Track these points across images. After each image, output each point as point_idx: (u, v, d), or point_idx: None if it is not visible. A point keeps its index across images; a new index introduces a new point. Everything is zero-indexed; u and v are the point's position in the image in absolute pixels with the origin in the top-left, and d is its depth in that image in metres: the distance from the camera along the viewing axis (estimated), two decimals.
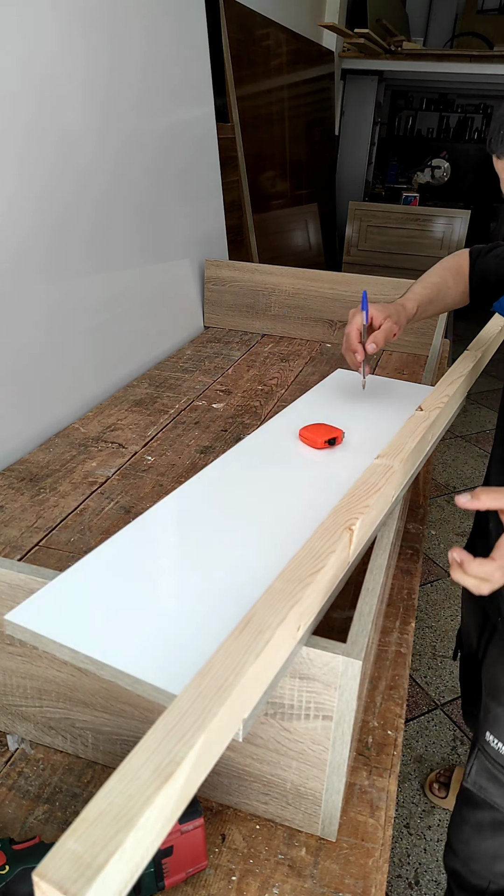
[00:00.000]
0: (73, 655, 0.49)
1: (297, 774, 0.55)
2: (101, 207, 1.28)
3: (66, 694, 0.61)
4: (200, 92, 1.68)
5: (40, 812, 0.59)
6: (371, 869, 0.55)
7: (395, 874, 1.35)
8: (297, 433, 0.88)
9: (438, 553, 2.39)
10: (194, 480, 0.76)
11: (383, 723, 0.70)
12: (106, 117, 1.26)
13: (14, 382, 1.11)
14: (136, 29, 1.33)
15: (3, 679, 0.63)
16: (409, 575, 0.93)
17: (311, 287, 1.70)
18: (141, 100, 1.39)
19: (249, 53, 2.40)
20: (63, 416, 1.24)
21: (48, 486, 1.03)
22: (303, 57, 3.04)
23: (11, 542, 0.90)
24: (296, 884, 0.54)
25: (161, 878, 0.51)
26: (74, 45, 1.15)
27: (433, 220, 3.36)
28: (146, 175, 1.44)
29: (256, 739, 0.55)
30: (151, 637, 0.50)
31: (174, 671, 0.47)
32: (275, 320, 1.76)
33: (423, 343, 1.66)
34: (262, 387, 1.43)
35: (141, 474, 1.07)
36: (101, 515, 0.96)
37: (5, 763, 0.64)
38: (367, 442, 0.87)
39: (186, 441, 1.18)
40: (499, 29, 5.06)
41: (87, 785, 0.62)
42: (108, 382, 1.39)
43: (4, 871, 0.49)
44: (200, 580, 0.57)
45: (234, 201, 2.29)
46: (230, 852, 0.56)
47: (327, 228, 3.59)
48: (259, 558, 0.61)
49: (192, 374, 1.49)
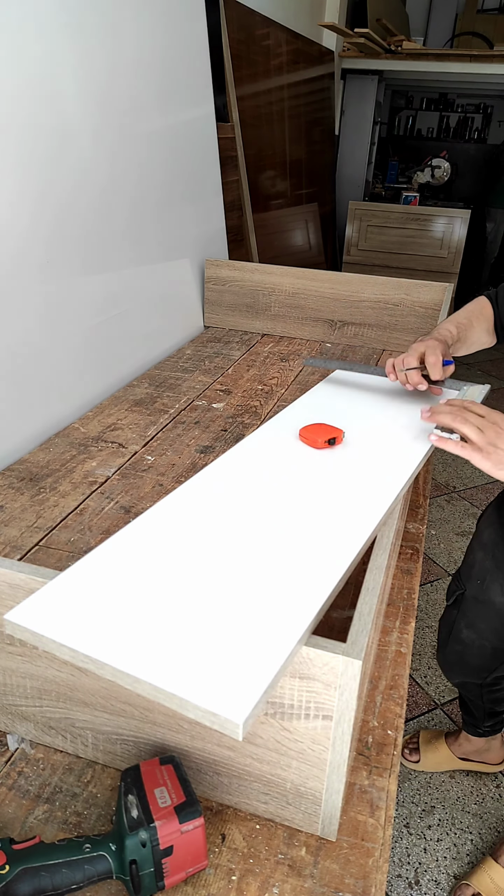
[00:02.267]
0: (73, 655, 0.49)
1: (297, 774, 0.55)
2: (101, 207, 1.28)
3: (66, 694, 0.61)
4: (200, 92, 1.68)
5: (40, 812, 0.59)
6: (371, 869, 0.55)
7: (395, 874, 1.35)
8: (297, 433, 0.88)
9: (438, 553, 2.39)
10: (194, 480, 0.76)
11: (383, 723, 0.70)
12: (106, 117, 1.26)
13: (14, 382, 1.11)
14: (136, 29, 1.33)
15: (3, 679, 0.63)
16: (409, 575, 0.93)
17: (311, 287, 1.70)
18: (141, 99, 1.38)
19: (249, 53, 2.40)
20: (63, 415, 1.24)
21: (48, 486, 1.03)
22: (303, 57, 3.04)
23: (11, 542, 0.90)
24: (296, 883, 0.54)
25: (161, 877, 0.51)
26: (74, 45, 1.15)
27: (433, 219, 3.36)
28: (146, 175, 1.44)
29: (256, 739, 0.55)
30: (151, 636, 0.50)
31: (174, 670, 0.47)
32: (275, 320, 1.76)
33: None
34: (262, 387, 1.43)
35: (141, 474, 1.07)
36: (101, 515, 0.96)
37: (5, 763, 0.64)
38: (367, 442, 0.87)
39: (186, 441, 1.18)
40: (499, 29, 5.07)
41: (87, 785, 0.62)
42: (108, 382, 1.38)
43: (4, 871, 0.49)
44: (200, 579, 0.57)
45: (234, 201, 2.29)
46: (230, 852, 0.56)
47: (327, 228, 3.59)
48: (258, 558, 0.61)
49: (192, 374, 1.49)
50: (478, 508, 2.69)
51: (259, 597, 0.55)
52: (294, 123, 2.97)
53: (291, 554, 0.62)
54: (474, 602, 1.13)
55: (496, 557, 1.09)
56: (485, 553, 1.11)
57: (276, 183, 2.78)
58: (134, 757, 0.61)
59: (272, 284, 1.72)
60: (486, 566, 1.11)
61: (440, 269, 3.39)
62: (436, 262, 3.39)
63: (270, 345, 1.70)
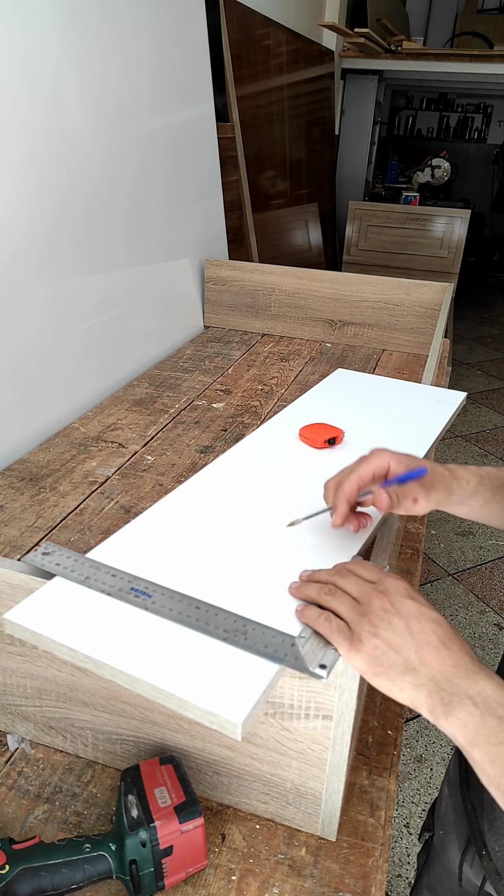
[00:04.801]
0: (73, 654, 0.49)
1: (297, 774, 0.55)
2: (101, 207, 1.28)
3: (66, 694, 0.61)
4: (200, 92, 1.68)
5: (40, 812, 0.59)
6: (371, 869, 0.55)
7: (395, 874, 1.35)
8: (297, 433, 0.88)
9: (438, 553, 2.39)
10: (194, 480, 0.76)
11: (383, 722, 0.70)
12: (105, 117, 1.26)
13: (14, 382, 1.11)
14: (136, 28, 1.33)
15: (3, 679, 0.63)
16: (410, 575, 0.93)
17: (311, 287, 1.70)
18: (140, 99, 1.38)
19: (249, 53, 2.40)
20: (63, 415, 1.24)
21: (48, 486, 1.03)
22: (303, 56, 3.04)
23: (11, 542, 0.90)
24: (296, 883, 0.54)
25: (161, 877, 0.51)
26: (73, 45, 1.15)
27: (433, 219, 3.36)
28: (146, 175, 1.44)
29: (256, 739, 0.55)
30: (151, 636, 0.50)
31: (173, 670, 0.47)
32: (275, 320, 1.76)
33: (423, 343, 1.66)
34: (262, 386, 1.43)
35: (141, 474, 1.07)
36: (101, 515, 0.96)
37: (5, 763, 0.64)
38: (366, 442, 0.87)
39: (186, 441, 1.18)
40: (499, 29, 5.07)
41: (87, 784, 0.62)
42: (108, 382, 1.38)
43: (4, 871, 0.49)
44: (199, 579, 0.57)
45: (234, 201, 2.29)
46: (230, 852, 0.56)
47: (327, 228, 3.59)
48: (258, 558, 0.61)
49: (192, 374, 1.49)
50: None
51: (259, 596, 0.55)
52: (294, 123, 2.97)
53: (291, 554, 0.62)
54: (436, 857, 0.83)
55: (456, 806, 0.76)
56: (450, 791, 0.80)
57: (276, 183, 2.78)
58: (134, 757, 0.61)
59: (272, 284, 1.72)
60: (448, 812, 0.79)
61: (440, 269, 3.39)
62: (436, 262, 3.39)
63: (270, 345, 1.70)
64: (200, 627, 0.51)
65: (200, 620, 0.51)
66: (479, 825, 0.66)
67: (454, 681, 0.42)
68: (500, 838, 0.62)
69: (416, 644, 0.44)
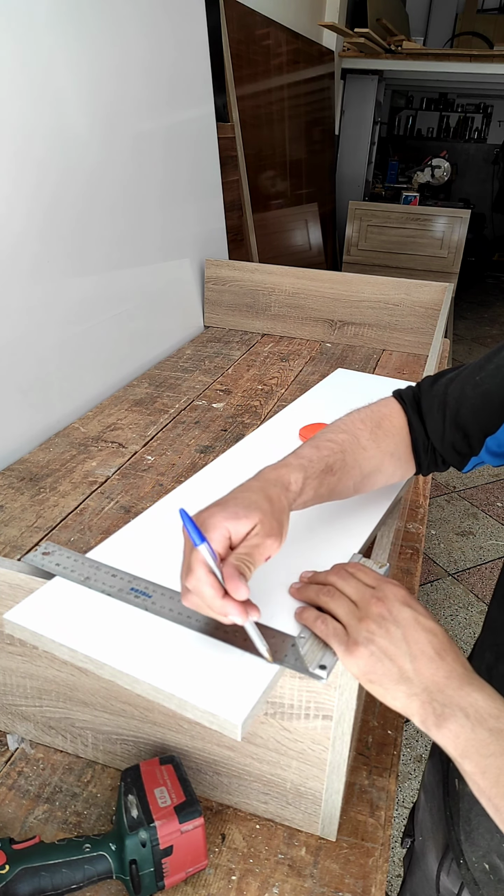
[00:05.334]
0: (73, 654, 0.49)
1: (297, 774, 0.55)
2: (101, 207, 1.28)
3: (66, 694, 0.61)
4: (200, 92, 1.68)
5: (40, 812, 0.59)
6: (371, 869, 0.55)
7: (395, 874, 1.35)
8: (298, 433, 0.88)
9: (438, 553, 2.39)
10: (195, 479, 0.76)
11: (383, 722, 0.70)
12: (105, 117, 1.26)
13: (14, 382, 1.11)
14: (136, 29, 1.33)
15: (3, 679, 0.63)
16: (410, 575, 0.93)
17: (311, 287, 1.70)
18: (141, 99, 1.38)
19: (249, 53, 2.40)
20: (63, 415, 1.24)
21: (48, 486, 1.03)
22: (303, 56, 3.04)
23: (11, 542, 0.90)
24: (296, 883, 0.54)
25: (161, 877, 0.51)
26: (73, 45, 1.15)
27: (433, 219, 3.36)
28: (146, 175, 1.44)
29: (256, 739, 0.55)
30: (151, 636, 0.50)
31: (173, 670, 0.47)
32: (275, 320, 1.76)
33: (422, 343, 1.66)
34: (262, 386, 1.43)
35: (141, 474, 1.07)
36: (101, 515, 0.96)
37: (5, 763, 0.64)
38: None
39: (186, 441, 1.18)
40: (499, 29, 5.07)
41: (87, 784, 0.62)
42: (108, 382, 1.39)
43: (4, 871, 0.49)
44: None
45: (234, 201, 2.29)
46: (230, 852, 0.56)
47: (327, 228, 3.59)
48: None
49: (192, 374, 1.49)
50: (478, 508, 2.69)
51: (258, 596, 0.55)
52: (294, 123, 2.97)
53: (291, 554, 0.62)
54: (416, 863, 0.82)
55: (432, 812, 0.75)
56: (426, 797, 0.79)
57: (275, 183, 2.78)
58: (134, 757, 0.61)
59: (272, 284, 1.72)
60: (425, 818, 0.78)
61: (440, 269, 3.39)
62: (436, 262, 3.39)
63: (270, 345, 1.70)
64: (200, 628, 0.51)
65: (200, 621, 0.51)
66: (455, 833, 0.66)
67: (447, 692, 0.42)
68: (476, 849, 0.62)
69: (411, 653, 0.44)
